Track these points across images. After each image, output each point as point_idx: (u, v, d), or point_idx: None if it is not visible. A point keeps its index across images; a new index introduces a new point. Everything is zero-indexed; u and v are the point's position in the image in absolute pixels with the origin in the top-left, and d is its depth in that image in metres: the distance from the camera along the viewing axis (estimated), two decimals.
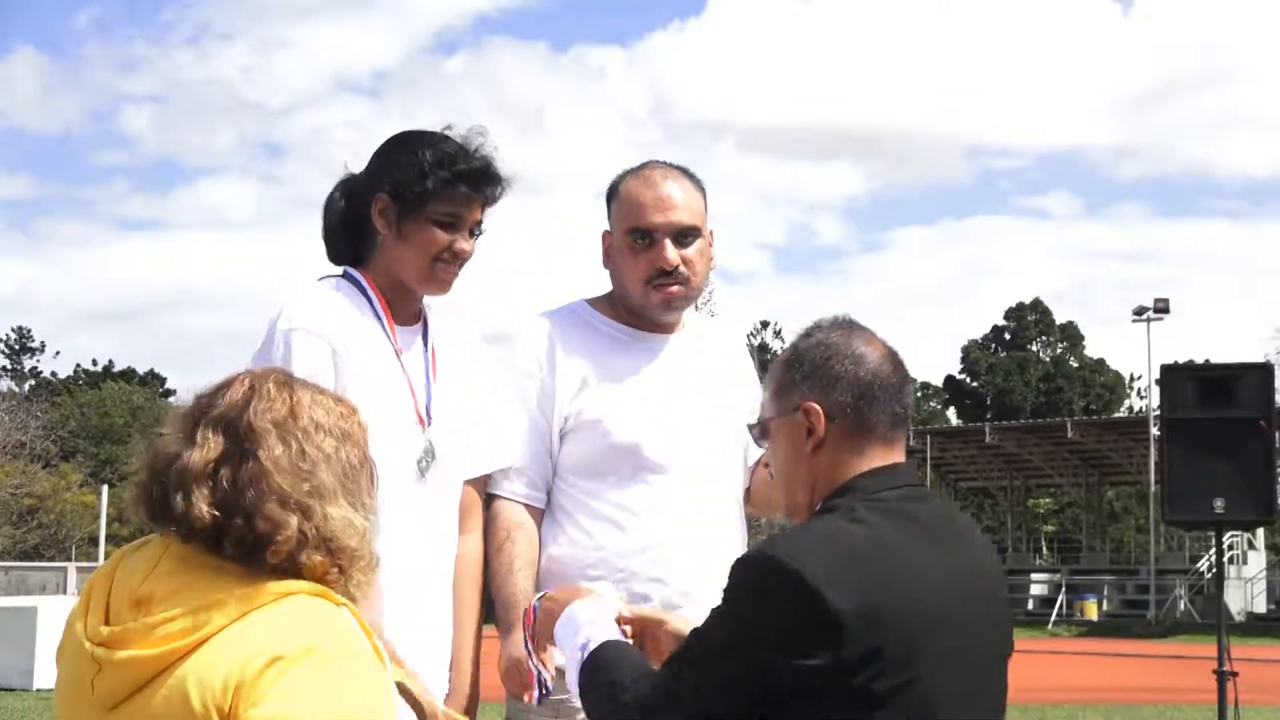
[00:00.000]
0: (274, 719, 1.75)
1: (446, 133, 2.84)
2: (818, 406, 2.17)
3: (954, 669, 2.08)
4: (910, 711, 2.03)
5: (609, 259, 3.08)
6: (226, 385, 1.99)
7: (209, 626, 1.81)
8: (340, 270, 2.87)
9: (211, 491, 1.87)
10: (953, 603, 2.10)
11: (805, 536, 2.08)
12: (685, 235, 2.99)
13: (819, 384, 2.19)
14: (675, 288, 2.99)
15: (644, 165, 3.08)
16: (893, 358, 2.22)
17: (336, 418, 1.99)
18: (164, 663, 1.81)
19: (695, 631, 2.11)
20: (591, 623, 2.31)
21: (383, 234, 2.80)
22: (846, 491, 2.16)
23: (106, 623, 1.88)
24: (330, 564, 1.90)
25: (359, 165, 2.90)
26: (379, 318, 2.78)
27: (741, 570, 2.07)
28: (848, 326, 2.25)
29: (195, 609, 1.83)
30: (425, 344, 2.87)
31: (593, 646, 2.24)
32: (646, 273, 2.97)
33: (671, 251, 2.97)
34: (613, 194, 3.07)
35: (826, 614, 1.97)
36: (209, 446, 1.91)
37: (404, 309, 2.85)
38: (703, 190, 3.07)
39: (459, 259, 2.82)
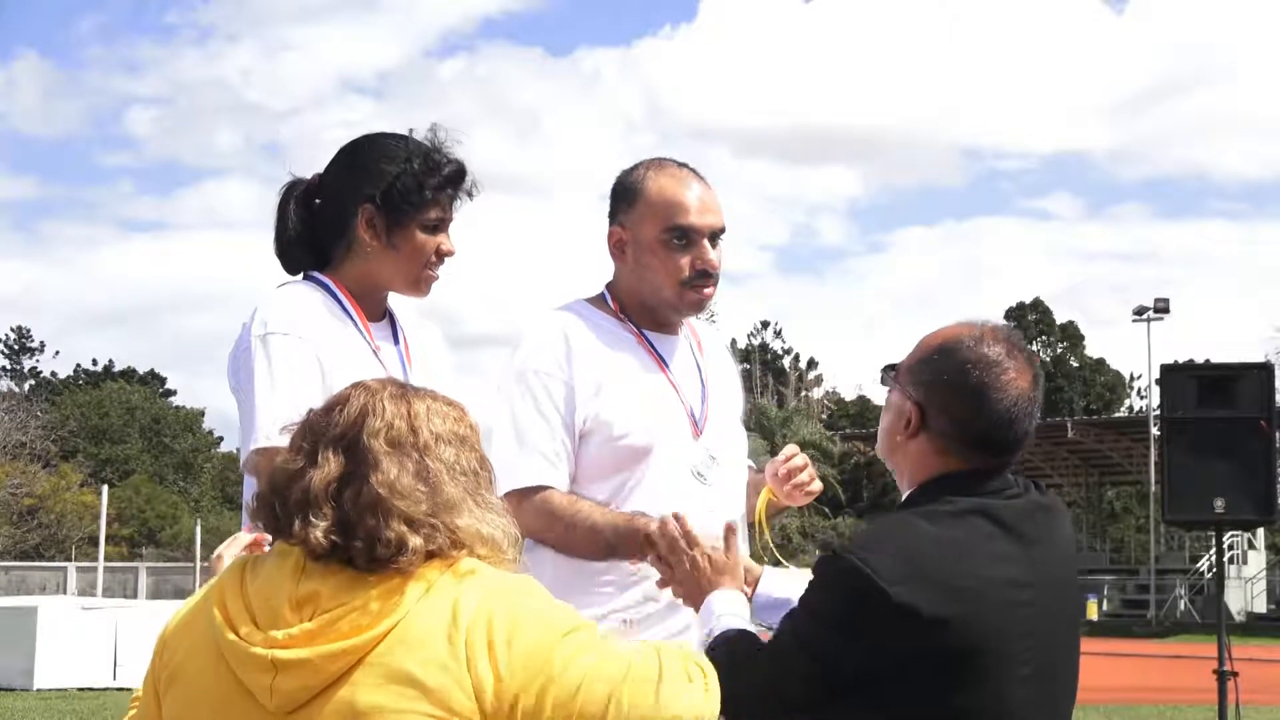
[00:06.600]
0: (532, 648, 1.83)
1: (412, 135, 2.82)
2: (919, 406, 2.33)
3: (1026, 655, 2.22)
4: (982, 698, 2.18)
5: (624, 256, 3.01)
6: (342, 401, 1.95)
7: (404, 606, 1.82)
8: (299, 276, 2.85)
9: (331, 515, 1.86)
10: (1027, 595, 2.24)
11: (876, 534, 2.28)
12: (717, 238, 2.99)
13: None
14: (709, 289, 2.98)
15: (663, 163, 3.01)
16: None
17: (452, 423, 1.96)
18: (363, 650, 1.80)
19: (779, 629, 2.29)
20: (723, 615, 2.49)
21: (368, 244, 2.78)
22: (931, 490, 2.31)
23: (257, 629, 1.85)
24: (472, 554, 1.91)
25: (304, 172, 2.87)
26: (351, 317, 2.78)
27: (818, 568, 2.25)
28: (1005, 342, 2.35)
29: (380, 593, 1.83)
30: (396, 339, 2.89)
31: (718, 631, 2.44)
32: (686, 273, 2.94)
33: (713, 253, 2.96)
34: (633, 191, 2.98)
35: (892, 608, 2.12)
36: (328, 467, 1.89)
37: (372, 308, 2.85)
38: None
39: (444, 260, 2.84)
